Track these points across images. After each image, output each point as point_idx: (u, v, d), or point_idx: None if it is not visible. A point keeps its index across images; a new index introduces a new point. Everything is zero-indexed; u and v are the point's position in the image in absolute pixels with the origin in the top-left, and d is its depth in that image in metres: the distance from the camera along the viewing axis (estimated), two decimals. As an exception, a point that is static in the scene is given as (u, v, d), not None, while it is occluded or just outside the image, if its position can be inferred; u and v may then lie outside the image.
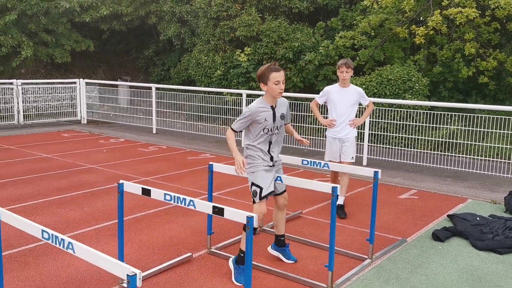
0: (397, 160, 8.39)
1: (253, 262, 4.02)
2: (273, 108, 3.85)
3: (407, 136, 8.77)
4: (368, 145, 8.49)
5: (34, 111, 12.48)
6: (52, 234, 2.57)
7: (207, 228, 4.32)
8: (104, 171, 7.46)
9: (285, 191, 4.08)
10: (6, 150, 8.94)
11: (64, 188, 6.39)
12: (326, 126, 5.66)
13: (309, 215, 5.52)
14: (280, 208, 4.09)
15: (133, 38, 18.28)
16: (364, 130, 8.40)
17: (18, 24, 14.28)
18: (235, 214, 2.96)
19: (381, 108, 9.08)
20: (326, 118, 5.71)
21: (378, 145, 8.92)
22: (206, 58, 13.31)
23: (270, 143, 3.89)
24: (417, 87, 10.22)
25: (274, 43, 12.18)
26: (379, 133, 9.02)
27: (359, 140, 8.79)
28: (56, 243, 2.55)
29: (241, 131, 3.93)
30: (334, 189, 3.56)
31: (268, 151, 3.88)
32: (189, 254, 4.22)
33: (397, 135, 8.84)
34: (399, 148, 8.61)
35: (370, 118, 8.60)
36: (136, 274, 2.16)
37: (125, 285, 3.61)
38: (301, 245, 4.59)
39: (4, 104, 12.00)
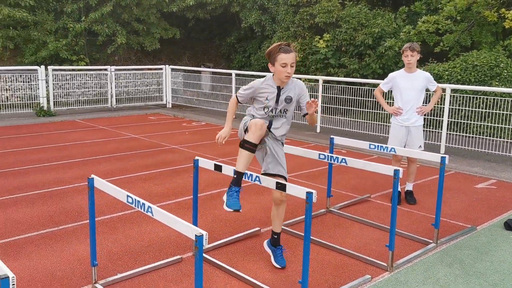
0: (477, 149, 8.08)
1: (316, 239, 4.23)
2: (279, 89, 3.54)
3: (491, 124, 8.39)
4: (447, 133, 8.25)
5: (125, 95, 13.49)
6: (135, 199, 2.96)
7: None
8: (186, 151, 7.99)
9: (281, 179, 3.55)
10: (101, 130, 9.84)
11: (149, 165, 6.97)
12: (392, 113, 5.49)
13: (377, 199, 5.59)
14: (276, 203, 3.72)
15: (216, 26, 18.92)
16: (442, 117, 8.18)
17: (113, 14, 15.39)
18: (295, 190, 3.18)
19: (464, 95, 8.75)
20: (392, 105, 5.56)
21: (458, 133, 8.62)
22: (285, 44, 13.52)
23: (270, 121, 3.62)
24: (505, 74, 9.67)
25: (354, 29, 12.08)
26: (460, 121, 8.71)
27: (436, 128, 8.58)
28: (138, 207, 2.93)
29: (244, 103, 3.74)
30: (396, 172, 3.64)
31: (269, 127, 3.60)
32: (257, 228, 4.52)
33: (480, 123, 8.49)
34: (482, 137, 8.27)
35: (450, 105, 8.34)
36: (203, 235, 2.46)
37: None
38: (366, 226, 4.71)
39: (99, 88, 13.11)
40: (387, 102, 5.71)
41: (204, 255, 3.97)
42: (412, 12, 12.41)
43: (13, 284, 1.89)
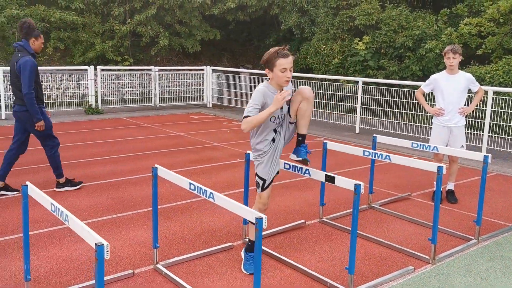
0: (520, 152, 8.05)
1: (359, 232, 4.43)
2: None
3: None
4: (489, 136, 8.25)
5: (167, 94, 13.97)
6: (198, 186, 3.25)
7: (320, 199, 4.80)
8: (228, 149, 8.30)
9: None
10: (146, 128, 10.29)
11: (195, 161, 7.31)
12: (433, 115, 5.58)
13: (417, 198, 5.72)
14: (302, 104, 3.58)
15: (255, 28, 19.24)
16: (484, 120, 8.18)
17: (156, 17, 15.93)
18: (344, 182, 3.40)
19: (507, 98, 8.70)
20: (433, 106, 5.67)
21: (500, 135, 8.59)
22: (324, 46, 13.69)
23: (275, 131, 3.67)
24: (550, 77, 9.54)
25: (394, 31, 12.14)
26: (502, 123, 8.67)
27: (478, 130, 8.57)
28: (200, 193, 3.22)
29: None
30: (439, 168, 3.80)
31: (273, 139, 3.68)
32: (302, 221, 4.75)
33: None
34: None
35: (492, 108, 8.33)
36: (262, 218, 2.72)
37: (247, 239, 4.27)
38: (407, 222, 4.86)
39: (143, 88, 13.63)
40: (429, 104, 5.83)
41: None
42: (454, 14, 12.36)
43: (107, 251, 2.20)
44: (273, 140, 3.69)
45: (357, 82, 10.50)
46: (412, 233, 4.58)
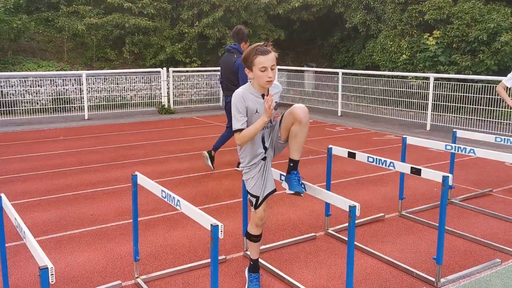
0: None
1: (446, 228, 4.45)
2: (263, 97, 3.10)
3: None
4: None
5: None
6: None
7: (399, 193, 4.86)
8: (299, 146, 8.46)
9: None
10: (217, 127, 10.67)
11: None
12: None
13: (499, 194, 5.61)
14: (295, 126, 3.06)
15: (318, 26, 19.25)
16: None
17: (222, 19, 16.38)
18: (431, 174, 3.47)
19: None
20: None
21: None
22: (391, 43, 13.51)
23: (263, 138, 3.20)
24: None
25: (466, 25, 11.77)
26: None
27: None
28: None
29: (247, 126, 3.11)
30: (529, 162, 3.77)
31: (264, 146, 3.23)
32: (381, 214, 4.83)
33: None
34: None
35: None
36: (355, 206, 2.87)
37: (331, 231, 4.41)
38: (490, 217, 4.81)
39: (211, 88, 14.10)
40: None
41: (336, 234, 4.40)
42: (531, 5, 11.82)
43: (221, 231, 2.43)
44: (265, 149, 3.24)
45: (427, 78, 10.32)
46: (497, 228, 4.53)
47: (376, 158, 3.92)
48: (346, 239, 4.18)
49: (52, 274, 2.00)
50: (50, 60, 14.44)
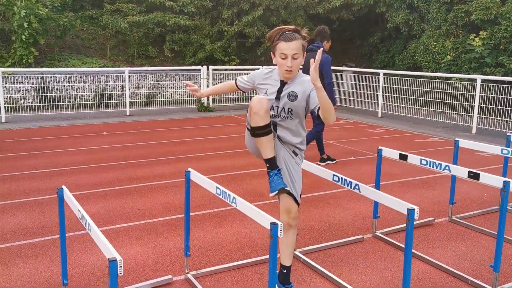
0: None
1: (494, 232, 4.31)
2: (282, 83, 2.92)
3: None
4: None
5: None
6: (341, 177, 3.40)
7: (450, 198, 4.73)
8: (340, 146, 8.38)
9: (290, 199, 2.90)
10: (256, 125, 10.69)
11: (311, 156, 7.49)
12: None
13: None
14: (284, 228, 2.82)
15: (357, 26, 19.01)
16: None
17: (262, 17, 16.40)
18: (491, 179, 3.36)
19: None
20: None
21: None
22: (435, 43, 13.20)
23: (275, 126, 2.95)
24: None
25: (515, 26, 11.38)
26: None
27: None
28: (345, 185, 3.37)
29: (241, 90, 3.19)
30: None
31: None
32: (431, 218, 4.72)
33: None
34: None
35: None
36: (414, 209, 2.80)
37: (378, 233, 4.34)
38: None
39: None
40: None
41: (384, 237, 4.32)
42: None
43: (281, 230, 2.42)
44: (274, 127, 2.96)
45: (473, 80, 10.02)
46: (553, 237, 4.35)
47: (430, 161, 3.83)
48: (395, 242, 4.13)
49: (121, 266, 2.05)
50: (93, 57, 14.81)
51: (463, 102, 10.49)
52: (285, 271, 3.01)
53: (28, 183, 5.90)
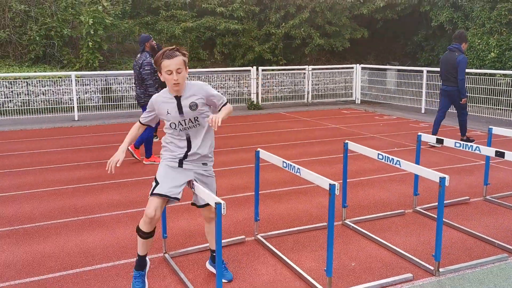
0: None
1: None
2: (177, 98, 3.24)
3: None
4: None
5: (315, 92, 15.02)
6: (385, 155, 4.08)
7: (484, 178, 5.30)
8: (385, 139, 8.96)
9: (208, 204, 3.36)
10: (304, 121, 11.40)
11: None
12: None
13: None
14: (207, 220, 3.54)
15: (401, 25, 19.33)
16: None
17: (308, 19, 17.08)
18: (515, 156, 3.95)
19: None
20: None
21: None
22: (479, 41, 13.46)
23: (188, 137, 3.31)
24: None
25: (560, 22, 11.54)
26: None
27: None
28: (388, 161, 4.05)
29: (148, 125, 3.48)
30: None
31: (188, 146, 3.32)
32: (467, 197, 5.30)
33: None
34: None
35: None
36: (445, 177, 3.45)
37: (419, 209, 4.96)
38: None
39: (295, 86, 14.87)
40: None
41: (423, 211, 4.92)
42: None
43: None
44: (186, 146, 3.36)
45: (517, 75, 10.33)
46: None
47: (463, 144, 4.43)
48: (433, 215, 4.75)
49: (224, 208, 2.82)
50: (151, 60, 15.93)
51: (507, 97, 10.78)
52: (214, 254, 3.57)
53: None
